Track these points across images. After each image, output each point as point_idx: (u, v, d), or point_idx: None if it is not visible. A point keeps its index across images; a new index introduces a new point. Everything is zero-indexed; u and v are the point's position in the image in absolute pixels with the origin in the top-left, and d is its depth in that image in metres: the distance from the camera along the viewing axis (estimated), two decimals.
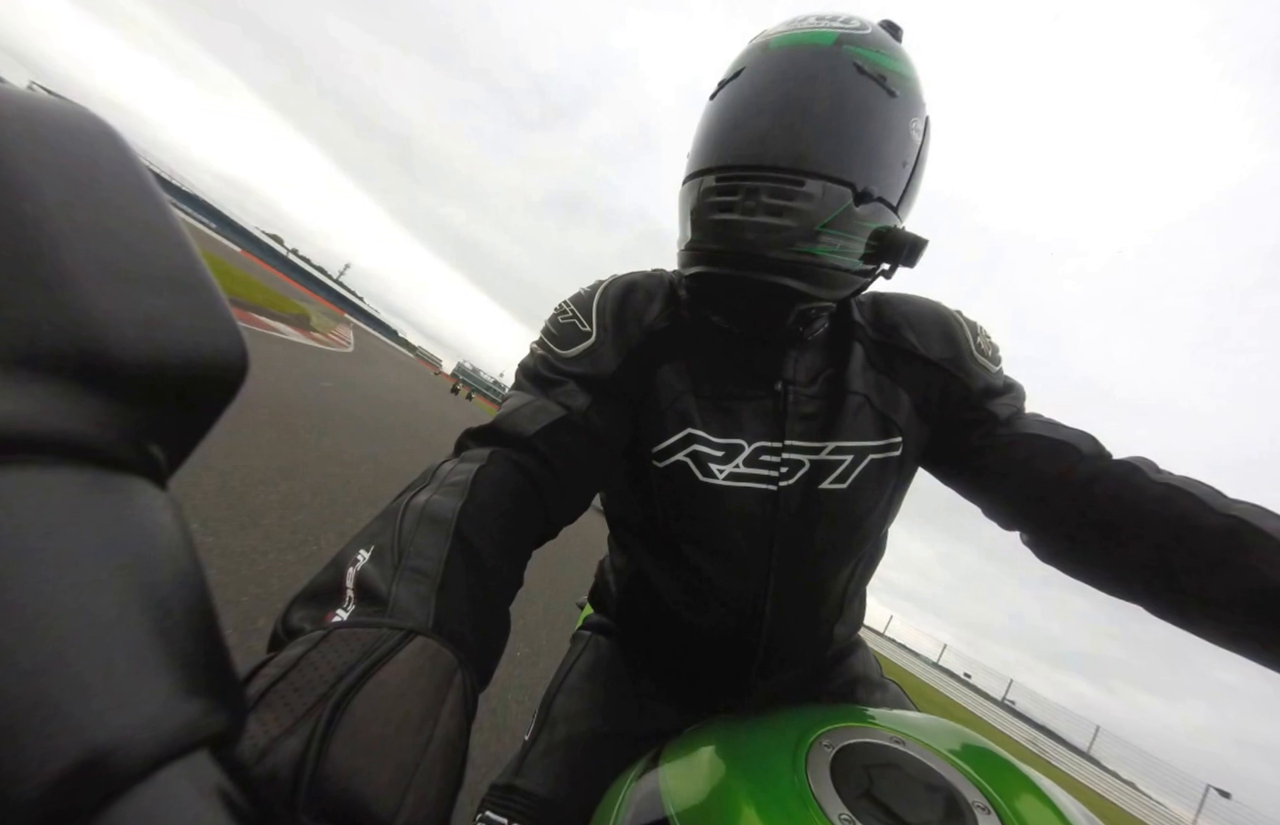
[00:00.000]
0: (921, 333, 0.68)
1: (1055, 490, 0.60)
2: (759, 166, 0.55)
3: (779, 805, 0.40)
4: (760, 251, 0.55)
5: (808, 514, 0.63)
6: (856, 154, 0.55)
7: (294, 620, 0.30)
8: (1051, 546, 0.63)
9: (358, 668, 0.25)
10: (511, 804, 0.64)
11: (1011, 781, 0.42)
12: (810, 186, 0.54)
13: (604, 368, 0.61)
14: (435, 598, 0.33)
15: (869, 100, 0.56)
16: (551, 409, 0.56)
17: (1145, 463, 0.59)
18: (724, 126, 0.59)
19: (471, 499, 0.42)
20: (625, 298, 0.65)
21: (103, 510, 0.14)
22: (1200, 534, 0.51)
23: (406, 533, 0.37)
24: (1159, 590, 0.55)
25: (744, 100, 0.58)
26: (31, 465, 0.14)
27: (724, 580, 0.65)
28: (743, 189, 0.55)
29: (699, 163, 0.61)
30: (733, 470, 0.62)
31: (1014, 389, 0.69)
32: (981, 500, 0.68)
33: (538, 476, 0.51)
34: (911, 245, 0.58)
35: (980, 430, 0.65)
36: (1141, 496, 0.55)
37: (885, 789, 0.40)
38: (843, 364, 0.66)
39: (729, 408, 0.64)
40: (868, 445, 0.64)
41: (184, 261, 0.18)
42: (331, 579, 0.33)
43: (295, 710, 0.23)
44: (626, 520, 0.75)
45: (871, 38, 0.58)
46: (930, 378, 0.66)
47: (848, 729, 0.48)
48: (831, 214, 0.55)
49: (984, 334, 0.70)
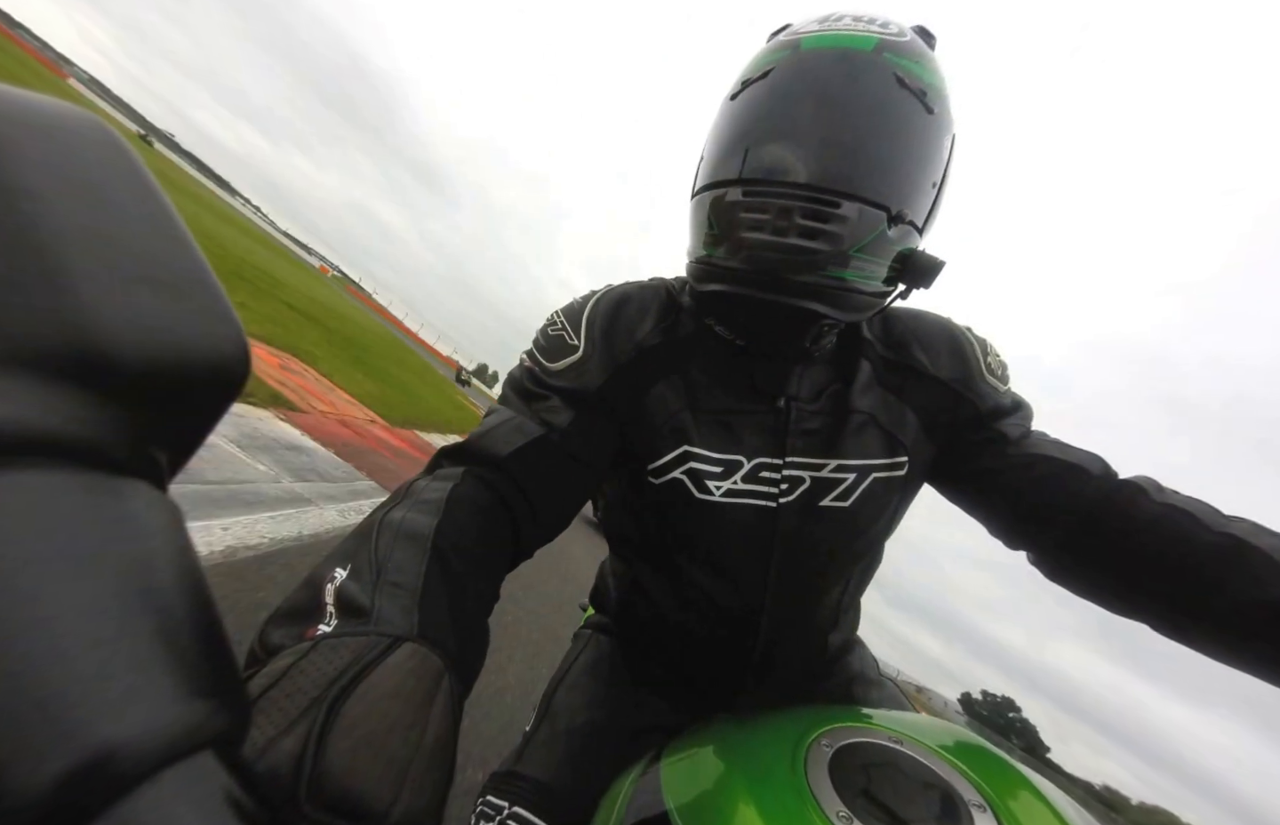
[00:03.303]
0: (931, 351, 0.66)
1: (1063, 512, 0.60)
2: (794, 184, 0.51)
3: (778, 803, 0.40)
4: (789, 274, 0.52)
5: (807, 531, 0.62)
6: (895, 175, 0.52)
7: (273, 638, 0.30)
8: (1057, 565, 0.63)
9: (348, 672, 0.26)
10: (512, 789, 0.64)
11: (1007, 780, 0.43)
12: (847, 209, 0.51)
13: (590, 383, 0.59)
14: (418, 609, 0.33)
15: (909, 117, 0.52)
16: (528, 429, 0.54)
17: (1150, 483, 0.58)
18: (753, 135, 0.54)
19: (447, 517, 0.42)
20: (617, 311, 0.63)
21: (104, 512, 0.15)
22: (1199, 553, 0.52)
23: (384, 550, 0.37)
24: (1162, 609, 0.56)
25: (775, 107, 0.54)
26: (32, 467, 0.14)
27: (720, 593, 0.65)
28: (774, 207, 0.51)
29: (722, 171, 0.56)
30: (730, 486, 0.61)
31: (1023, 408, 0.67)
32: (988, 519, 0.67)
33: (510, 499, 0.51)
34: (933, 269, 0.57)
35: (991, 451, 0.64)
36: (1143, 516, 0.56)
37: (883, 788, 0.40)
38: (849, 380, 0.64)
39: (728, 422, 0.62)
40: (872, 463, 0.63)
41: (186, 263, 0.18)
42: (309, 597, 0.33)
43: (289, 714, 0.24)
44: (622, 533, 0.75)
45: (911, 47, 0.54)
46: (939, 397, 0.65)
47: (846, 729, 0.48)
48: (866, 239, 0.52)
49: (994, 352, 0.68)
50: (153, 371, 0.16)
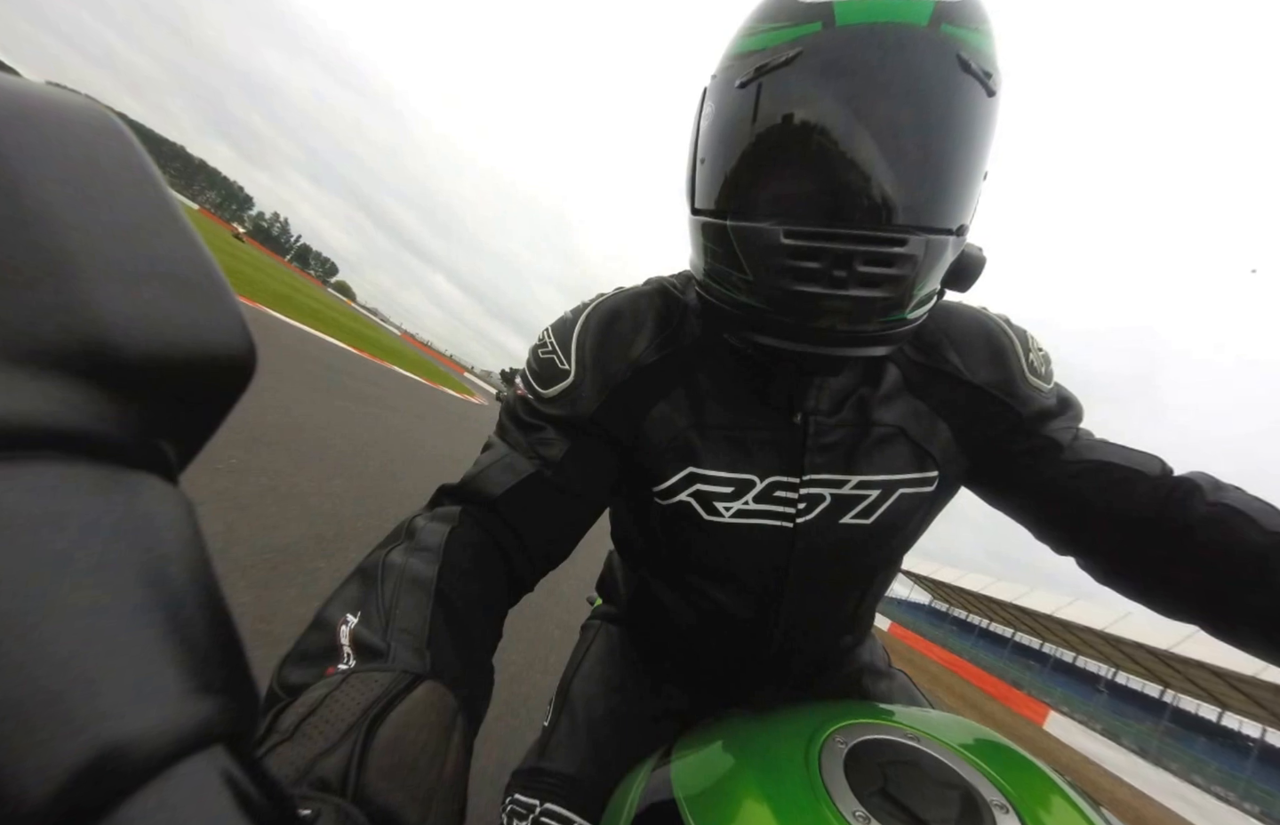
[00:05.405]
0: (967, 354, 0.59)
1: (1119, 520, 0.57)
2: (853, 227, 0.43)
3: (791, 801, 0.40)
4: (849, 326, 0.46)
5: (827, 549, 0.59)
6: (959, 189, 0.45)
7: (291, 678, 0.32)
8: (1109, 570, 0.60)
9: (380, 701, 0.28)
10: (540, 785, 0.65)
11: (1031, 780, 0.42)
12: (914, 245, 0.43)
13: (584, 410, 0.55)
14: (429, 652, 0.36)
15: (974, 109, 0.43)
16: (520, 467, 0.53)
17: (1206, 480, 0.55)
18: (788, 156, 0.45)
19: (447, 562, 0.44)
20: (607, 329, 0.57)
21: (112, 505, 0.14)
22: (1248, 554, 0.50)
23: (390, 596, 0.39)
24: (1214, 613, 0.54)
25: (813, 117, 0.43)
26: (39, 460, 0.13)
27: (733, 605, 0.64)
28: (829, 254, 0.43)
29: (747, 199, 0.47)
30: (741, 507, 0.57)
31: (1070, 406, 0.62)
32: (1037, 527, 0.63)
33: (504, 542, 0.51)
34: (976, 267, 0.51)
35: (1040, 459, 0.59)
36: (1197, 517, 0.53)
37: (901, 786, 0.40)
38: (874, 387, 0.58)
39: (738, 438, 0.57)
40: (898, 479, 0.58)
41: (189, 255, 0.17)
42: (324, 640, 0.35)
43: (330, 736, 0.26)
44: (630, 543, 0.74)
45: (971, 10, 0.43)
46: (976, 404, 0.59)
47: (861, 726, 0.48)
48: (931, 271, 0.46)
49: (1036, 348, 0.61)
50: (160, 364, 0.16)
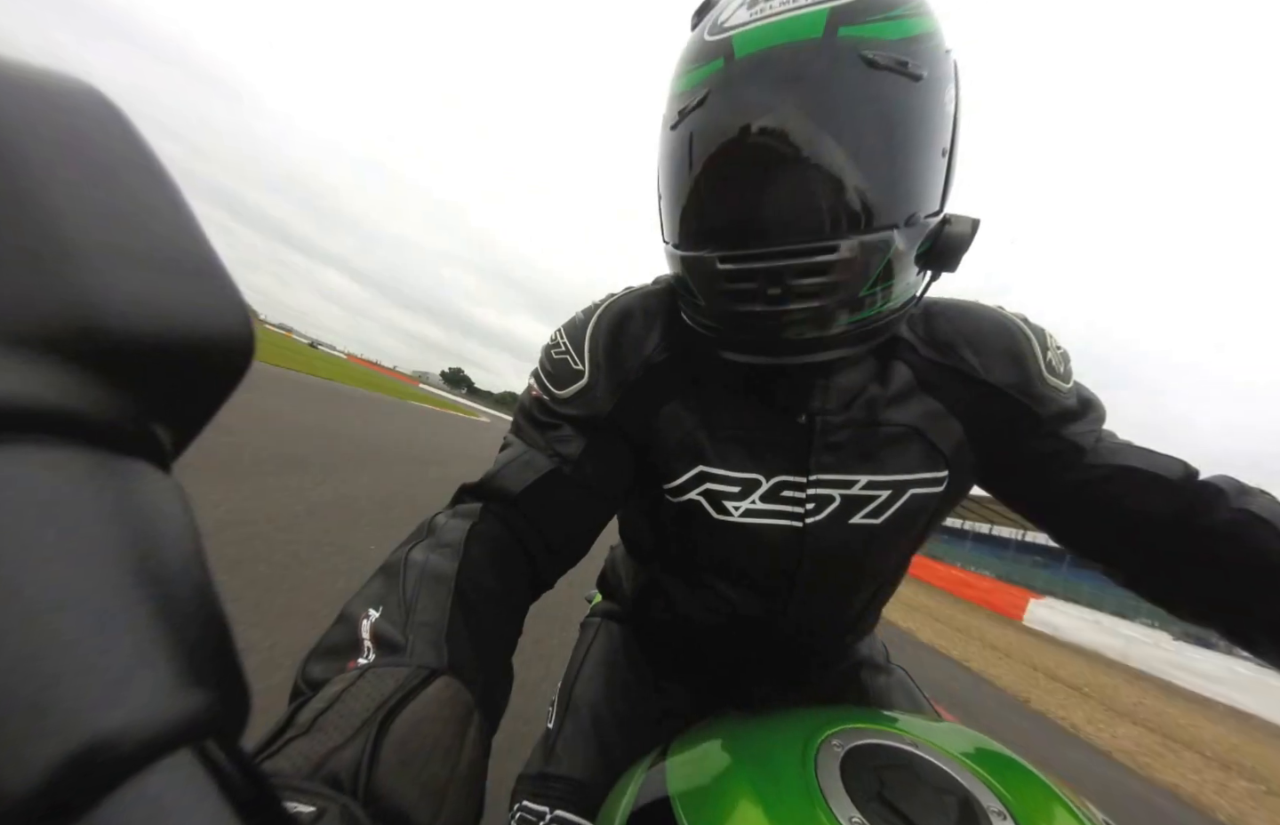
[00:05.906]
0: (983, 353, 0.58)
1: (1143, 528, 0.56)
2: (772, 248, 0.44)
3: (786, 804, 0.40)
4: (800, 335, 0.47)
5: (837, 549, 0.59)
6: (894, 185, 0.44)
7: (315, 672, 0.33)
8: (1130, 576, 0.60)
9: (395, 696, 0.29)
10: (549, 791, 0.64)
11: (1029, 788, 0.42)
12: (845, 250, 0.43)
13: (599, 408, 0.56)
14: (446, 647, 0.36)
15: (894, 100, 0.43)
16: (539, 463, 0.54)
17: (1230, 484, 0.54)
18: (706, 189, 0.47)
19: (467, 559, 0.44)
20: (620, 328, 0.59)
21: (102, 491, 0.14)
22: (1268, 564, 0.50)
23: (411, 592, 0.39)
24: (1233, 621, 0.54)
25: (721, 152, 0.45)
26: (27, 444, 0.13)
27: (743, 603, 0.64)
28: (759, 274, 0.45)
29: (683, 232, 0.51)
30: (749, 506, 0.57)
31: (1092, 407, 0.60)
32: (1057, 531, 0.62)
33: (525, 537, 0.51)
34: (961, 242, 0.49)
35: (1060, 462, 0.58)
36: (1219, 523, 0.52)
37: (898, 792, 0.39)
38: (884, 386, 0.58)
39: (746, 439, 0.58)
40: (909, 479, 0.57)
41: (187, 238, 0.17)
42: (347, 634, 0.36)
43: (345, 731, 0.26)
44: (640, 540, 0.74)
45: (865, 3, 0.42)
46: (990, 404, 0.58)
47: (858, 730, 0.47)
48: (877, 269, 0.45)
49: (1054, 346, 0.60)
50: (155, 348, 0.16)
